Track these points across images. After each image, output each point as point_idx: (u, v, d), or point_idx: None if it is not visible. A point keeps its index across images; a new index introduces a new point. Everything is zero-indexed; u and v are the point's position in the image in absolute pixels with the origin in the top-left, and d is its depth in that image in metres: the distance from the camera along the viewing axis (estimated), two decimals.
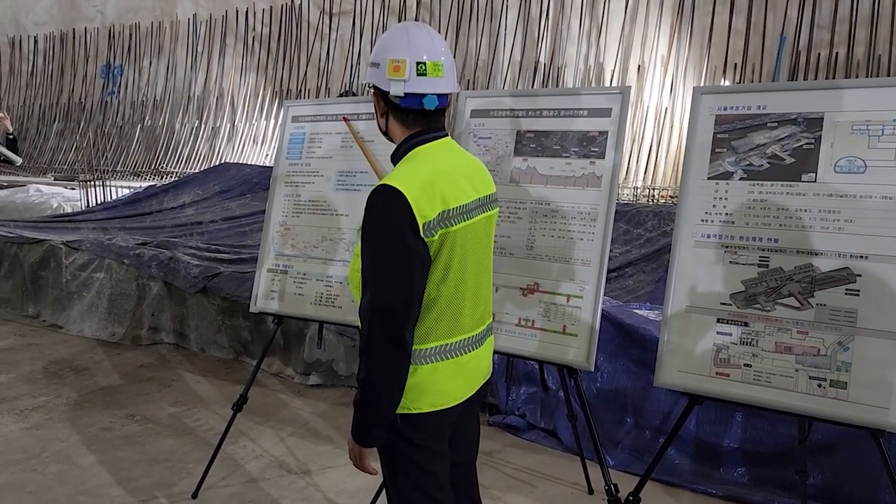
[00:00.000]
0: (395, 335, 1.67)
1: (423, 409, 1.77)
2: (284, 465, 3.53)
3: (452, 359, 1.81)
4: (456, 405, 1.84)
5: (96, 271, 5.69)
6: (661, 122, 7.36)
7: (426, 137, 1.82)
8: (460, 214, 1.76)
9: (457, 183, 1.79)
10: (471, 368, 1.89)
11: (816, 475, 3.07)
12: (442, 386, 1.80)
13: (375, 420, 1.74)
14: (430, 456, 1.83)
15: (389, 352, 1.68)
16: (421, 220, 1.66)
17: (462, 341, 1.84)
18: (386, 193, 1.67)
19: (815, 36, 6.72)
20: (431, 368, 1.77)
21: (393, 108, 1.82)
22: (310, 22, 10.12)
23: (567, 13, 8.08)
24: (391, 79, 1.77)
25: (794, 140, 2.24)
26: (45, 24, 13.23)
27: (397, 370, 1.71)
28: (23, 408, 4.20)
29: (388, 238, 1.66)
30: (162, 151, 11.28)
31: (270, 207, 3.34)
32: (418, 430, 1.79)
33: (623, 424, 3.59)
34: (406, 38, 1.81)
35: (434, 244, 1.70)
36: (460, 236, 1.76)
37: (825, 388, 2.12)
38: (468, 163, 1.90)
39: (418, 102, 1.78)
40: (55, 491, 3.27)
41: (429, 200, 1.68)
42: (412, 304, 1.69)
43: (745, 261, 2.27)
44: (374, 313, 1.67)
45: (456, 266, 1.76)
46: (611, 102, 2.61)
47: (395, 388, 1.72)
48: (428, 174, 1.73)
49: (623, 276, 5.14)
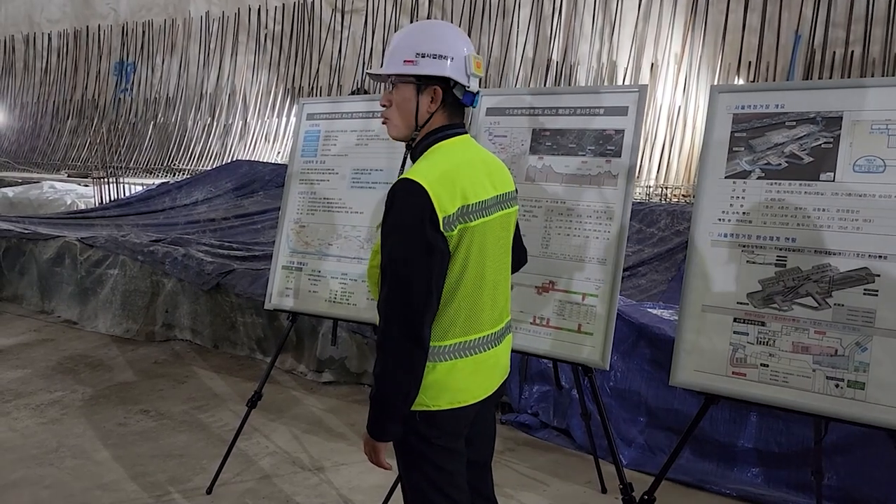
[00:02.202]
0: (413, 329, 1.68)
1: (441, 406, 1.78)
2: (298, 462, 3.55)
3: (471, 356, 1.81)
4: (474, 403, 1.84)
5: (110, 268, 5.73)
6: (675, 121, 7.33)
7: (447, 133, 1.83)
8: (479, 210, 1.76)
9: (477, 179, 1.79)
10: (489, 366, 1.89)
11: (832, 476, 3.05)
12: (461, 383, 1.80)
13: (391, 414, 1.74)
14: (447, 454, 1.83)
15: (406, 346, 1.68)
16: (441, 214, 1.67)
17: (481, 339, 1.84)
18: (407, 187, 1.68)
19: (831, 34, 6.66)
20: (450, 366, 1.78)
21: (451, 104, 1.84)
22: (322, 19, 10.14)
23: (580, 11, 8.05)
24: (471, 74, 1.82)
25: (813, 139, 2.23)
26: (58, 21, 13.32)
27: (414, 365, 1.71)
28: (38, 403, 4.24)
29: (408, 231, 1.67)
30: (174, 149, 11.33)
31: (285, 205, 3.35)
32: (436, 427, 1.79)
33: (636, 423, 3.59)
34: (461, 36, 1.86)
35: (453, 239, 1.71)
36: (479, 232, 1.76)
37: (843, 389, 2.11)
38: (487, 160, 1.91)
39: (470, 99, 1.84)
40: (71, 485, 3.30)
41: (449, 195, 1.69)
42: (430, 298, 1.69)
43: (763, 260, 2.26)
44: (392, 307, 1.68)
45: (474, 262, 1.76)
46: (627, 100, 2.60)
47: (411, 383, 1.72)
48: (449, 169, 1.74)
49: (636, 275, 5.13)
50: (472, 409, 1.84)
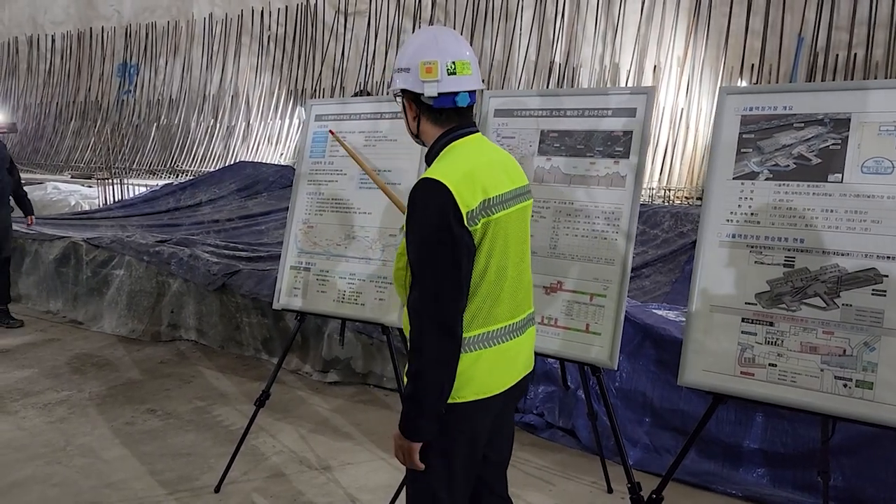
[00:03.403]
0: (447, 325, 1.71)
1: (466, 397, 1.79)
2: (305, 461, 3.56)
3: (495, 346, 1.83)
4: (497, 395, 1.85)
5: (116, 268, 5.75)
6: (678, 124, 7.35)
7: (460, 133, 1.87)
8: (500, 203, 1.80)
9: (494, 173, 1.83)
10: (512, 356, 1.90)
11: (837, 476, 3.06)
12: (485, 374, 1.82)
13: (427, 412, 1.75)
14: (463, 449, 1.84)
15: (441, 342, 1.71)
16: (464, 209, 1.70)
17: (504, 328, 1.86)
18: (428, 186, 1.72)
19: (834, 37, 6.69)
20: (476, 356, 1.80)
21: (426, 110, 1.87)
22: (325, 22, 10.17)
23: (583, 14, 8.08)
24: (424, 80, 1.83)
25: (821, 140, 2.25)
26: (62, 23, 13.35)
27: (449, 360, 1.73)
28: (46, 402, 4.25)
29: (434, 229, 1.70)
30: (177, 150, 11.35)
31: (293, 205, 3.37)
32: (460, 419, 1.80)
33: (641, 424, 3.60)
34: (433, 41, 1.87)
35: (477, 233, 1.74)
36: (502, 224, 1.80)
37: (851, 389, 2.13)
38: (502, 155, 1.95)
39: (451, 101, 1.85)
40: (80, 484, 3.31)
41: (470, 190, 1.72)
42: (460, 293, 1.73)
43: (771, 261, 2.28)
44: (424, 305, 1.71)
45: (498, 254, 1.80)
46: (636, 102, 2.62)
47: (446, 379, 1.74)
48: (467, 165, 1.78)
49: (639, 276, 5.15)
50: (495, 401, 1.85)
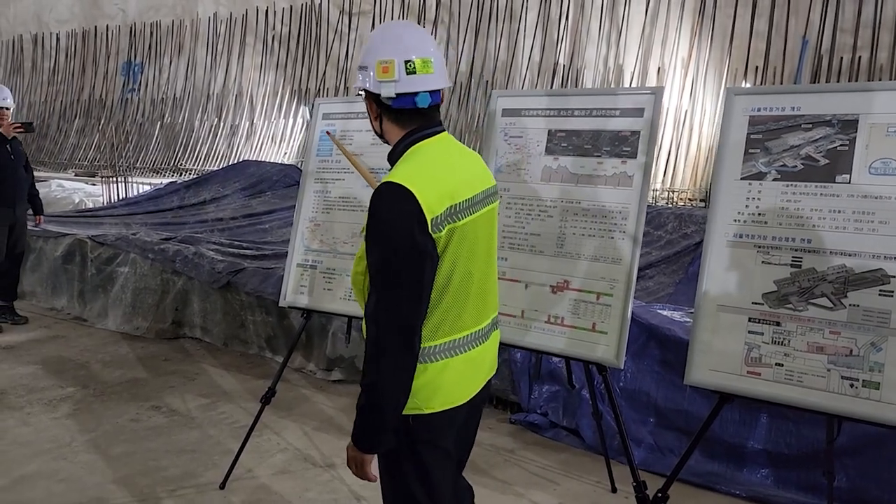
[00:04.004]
0: (405, 336, 1.64)
1: (434, 408, 1.74)
2: (309, 459, 3.57)
3: (462, 354, 1.78)
4: (464, 403, 1.81)
5: (121, 265, 5.76)
6: (682, 125, 7.35)
7: (424, 133, 1.78)
8: (467, 209, 1.73)
9: (460, 177, 1.76)
10: (478, 364, 1.86)
11: (842, 477, 3.07)
12: (453, 383, 1.77)
13: (383, 425, 1.68)
14: (438, 457, 1.80)
15: (398, 354, 1.64)
16: (429, 215, 1.62)
17: (470, 336, 1.80)
18: (392, 190, 1.63)
19: (838, 39, 6.68)
20: (442, 366, 1.74)
21: (386, 110, 1.79)
22: (329, 21, 10.18)
23: (587, 15, 8.08)
24: (381, 81, 1.74)
25: (829, 141, 2.26)
26: (67, 21, 13.37)
27: (407, 372, 1.67)
28: (51, 398, 4.27)
29: (396, 236, 1.62)
30: (181, 149, 11.37)
31: (300, 203, 3.38)
32: (431, 430, 1.76)
33: (646, 424, 3.61)
34: (392, 38, 1.79)
35: (441, 240, 1.66)
36: (469, 230, 1.74)
37: (857, 389, 2.13)
38: (468, 156, 1.88)
39: (411, 102, 1.75)
40: (85, 480, 3.32)
41: (436, 195, 1.65)
42: (420, 303, 1.66)
43: (778, 261, 2.29)
44: (381, 314, 1.63)
45: (463, 260, 1.73)
46: (643, 102, 2.63)
47: (404, 391, 1.67)
48: (432, 169, 1.71)
49: (643, 277, 5.15)
50: (462, 409, 1.81)
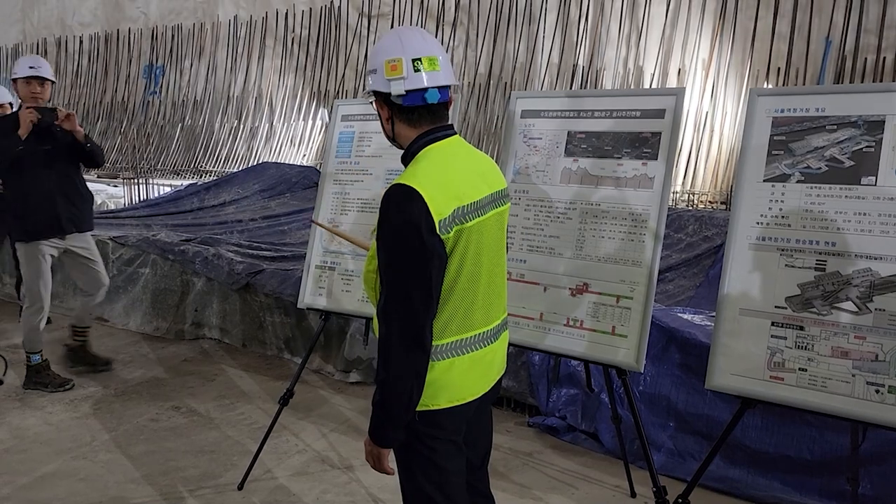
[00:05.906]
0: (415, 335, 1.69)
1: (440, 405, 1.79)
2: (327, 460, 3.57)
3: (468, 353, 1.82)
4: (472, 401, 1.85)
5: (141, 266, 5.81)
6: (702, 127, 7.29)
7: (436, 136, 1.83)
8: (474, 210, 1.77)
9: (469, 179, 1.80)
10: (486, 363, 1.90)
11: (866, 484, 3.02)
12: (459, 381, 1.81)
13: (395, 421, 1.75)
14: (446, 453, 1.85)
15: (409, 352, 1.69)
16: (437, 217, 1.67)
17: (477, 336, 1.84)
18: (401, 192, 1.69)
19: (862, 40, 6.59)
20: (448, 364, 1.79)
21: (397, 111, 1.83)
22: (349, 24, 10.22)
23: (607, 16, 8.04)
24: (390, 79, 1.78)
25: (854, 143, 2.22)
26: (89, 24, 13.53)
27: (417, 370, 1.72)
28: (72, 398, 4.31)
29: (405, 237, 1.67)
30: (201, 151, 11.46)
31: (319, 204, 3.39)
32: (436, 426, 1.81)
33: (665, 428, 3.57)
34: (398, 40, 1.83)
35: (449, 241, 1.71)
36: (475, 232, 1.77)
37: (883, 395, 2.10)
38: (479, 159, 1.91)
39: (420, 98, 1.79)
40: (105, 479, 3.35)
41: (444, 197, 1.70)
42: (430, 302, 1.70)
43: (802, 264, 2.26)
44: (393, 313, 1.69)
45: (470, 262, 1.77)
46: (665, 104, 2.61)
47: (414, 389, 1.72)
48: (441, 171, 1.75)
49: (663, 280, 5.10)
50: (469, 407, 1.85)
